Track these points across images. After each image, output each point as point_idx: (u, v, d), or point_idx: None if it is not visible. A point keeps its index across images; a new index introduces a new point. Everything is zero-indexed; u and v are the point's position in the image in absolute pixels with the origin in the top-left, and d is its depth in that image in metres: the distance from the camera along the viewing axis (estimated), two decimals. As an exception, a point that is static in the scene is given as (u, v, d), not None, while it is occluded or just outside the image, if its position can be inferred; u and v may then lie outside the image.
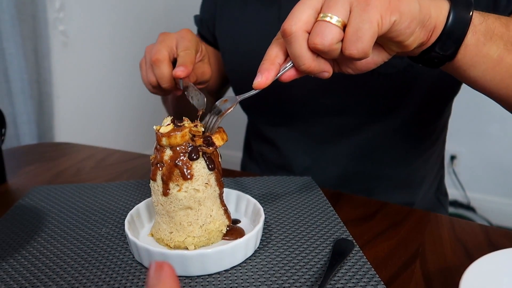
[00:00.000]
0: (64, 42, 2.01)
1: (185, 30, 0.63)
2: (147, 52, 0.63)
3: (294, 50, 0.42)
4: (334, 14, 0.40)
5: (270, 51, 0.46)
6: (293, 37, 0.41)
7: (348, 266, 0.46)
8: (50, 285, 0.44)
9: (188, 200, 0.46)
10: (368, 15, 0.39)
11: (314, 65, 0.43)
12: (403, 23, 0.41)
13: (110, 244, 0.52)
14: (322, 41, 0.40)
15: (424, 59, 0.48)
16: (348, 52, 0.41)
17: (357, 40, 0.40)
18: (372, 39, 0.40)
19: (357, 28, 0.40)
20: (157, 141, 0.46)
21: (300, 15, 0.41)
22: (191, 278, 0.45)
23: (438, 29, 0.44)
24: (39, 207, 0.62)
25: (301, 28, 0.41)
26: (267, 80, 0.44)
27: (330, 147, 0.80)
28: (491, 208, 2.03)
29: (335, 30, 0.40)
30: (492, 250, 0.43)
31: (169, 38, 0.61)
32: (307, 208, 0.60)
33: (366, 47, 0.40)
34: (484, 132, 2.00)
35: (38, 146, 1.00)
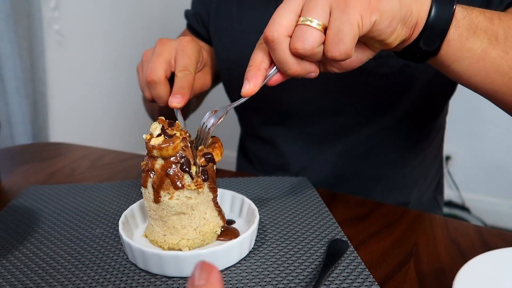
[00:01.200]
0: (59, 41, 2.00)
1: (186, 40, 0.59)
2: (144, 61, 0.59)
3: (278, 56, 0.42)
4: (314, 17, 0.40)
5: (255, 57, 0.45)
6: (276, 44, 0.41)
7: (343, 267, 0.46)
8: (43, 286, 0.44)
9: (180, 207, 0.46)
10: (348, 17, 0.39)
11: (299, 69, 0.43)
12: (383, 22, 0.41)
13: (104, 244, 0.51)
14: (303, 45, 0.40)
15: (408, 54, 0.48)
16: (330, 55, 0.41)
17: (338, 42, 0.40)
18: (354, 40, 0.40)
19: (337, 30, 0.40)
20: (148, 151, 0.45)
21: (281, 20, 0.41)
22: (185, 279, 0.45)
23: (420, 25, 0.44)
24: (33, 207, 0.62)
25: (282, 34, 0.41)
26: (255, 87, 0.44)
27: (327, 147, 0.80)
28: (485, 209, 2.04)
29: (315, 33, 0.40)
30: (485, 250, 0.43)
31: (167, 50, 0.57)
32: (302, 208, 0.60)
33: (348, 48, 0.40)
34: (479, 133, 2.01)
35: (32, 146, 0.99)
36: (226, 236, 0.51)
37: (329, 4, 0.40)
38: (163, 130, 0.45)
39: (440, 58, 0.48)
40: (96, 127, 2.22)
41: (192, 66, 0.57)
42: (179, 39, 0.59)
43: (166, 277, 0.45)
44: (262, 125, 0.85)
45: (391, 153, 0.80)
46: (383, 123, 0.76)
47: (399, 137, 0.79)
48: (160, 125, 0.45)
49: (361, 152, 0.80)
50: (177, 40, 0.59)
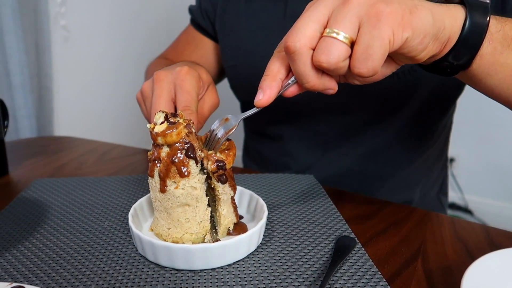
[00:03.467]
0: (65, 36, 2.01)
1: (184, 73, 0.55)
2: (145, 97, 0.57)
3: (298, 68, 0.40)
4: (341, 29, 0.37)
5: (272, 66, 0.44)
6: (297, 55, 0.39)
7: (350, 263, 0.46)
8: (54, 276, 0.44)
9: (185, 197, 0.46)
10: (379, 32, 0.37)
11: (318, 83, 0.42)
12: (416, 39, 0.39)
13: (113, 237, 0.52)
14: (327, 59, 0.38)
15: (436, 68, 0.46)
16: (357, 71, 0.39)
17: (366, 58, 0.38)
18: (383, 57, 0.38)
19: (367, 45, 0.37)
20: (153, 140, 0.46)
21: (305, 30, 0.39)
22: (194, 272, 0.45)
23: (452, 40, 0.42)
24: (42, 200, 0.62)
25: (305, 45, 0.39)
26: (269, 98, 0.43)
27: (333, 146, 0.80)
28: (488, 211, 2.04)
29: (342, 47, 0.38)
30: (492, 249, 0.44)
31: (166, 88, 0.55)
32: (309, 205, 0.60)
33: (377, 65, 0.38)
34: (483, 136, 2.01)
35: (39, 140, 1.00)
36: (235, 231, 0.51)
37: (359, 17, 0.38)
38: (166, 118, 0.45)
39: (471, 72, 0.46)
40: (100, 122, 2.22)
41: (193, 103, 0.54)
42: (176, 71, 0.56)
43: (175, 269, 0.45)
44: (269, 123, 0.85)
45: (396, 153, 0.80)
46: (390, 122, 0.77)
47: (405, 136, 0.79)
48: (164, 113, 0.46)
49: (366, 152, 0.80)
50: (174, 73, 0.56)
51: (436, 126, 0.82)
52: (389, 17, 0.37)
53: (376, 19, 0.37)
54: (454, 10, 0.42)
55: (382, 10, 0.37)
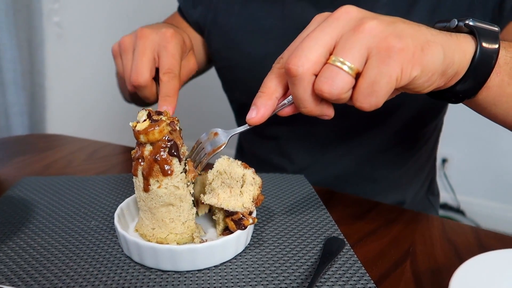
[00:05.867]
0: (59, 33, 1.99)
1: (169, 35, 0.54)
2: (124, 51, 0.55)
3: (297, 93, 0.38)
4: (348, 60, 0.36)
5: (269, 83, 0.42)
6: (298, 80, 0.37)
7: (339, 265, 0.46)
8: (37, 277, 0.43)
9: (168, 197, 0.45)
10: (388, 69, 0.35)
11: (315, 110, 0.40)
12: (423, 77, 0.37)
13: (99, 237, 0.51)
14: (330, 89, 0.36)
15: (440, 96, 0.45)
16: (359, 105, 0.37)
17: (371, 94, 0.36)
18: (388, 94, 0.36)
19: (373, 81, 0.36)
20: (136, 138, 0.45)
21: (310, 54, 0.37)
22: (180, 273, 0.44)
23: (459, 75, 0.41)
24: (28, 198, 0.61)
25: (308, 71, 0.37)
26: (262, 118, 0.42)
27: (330, 148, 0.80)
28: (480, 212, 2.05)
29: (346, 79, 0.36)
30: (481, 251, 0.43)
31: (150, 47, 0.53)
32: (299, 206, 0.60)
33: (380, 101, 0.37)
34: (476, 137, 2.02)
35: (28, 137, 0.99)
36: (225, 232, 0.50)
37: (368, 48, 0.36)
38: (149, 116, 0.44)
39: (477, 102, 0.45)
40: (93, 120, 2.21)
41: (177, 67, 0.53)
42: (161, 32, 0.54)
43: (161, 271, 0.45)
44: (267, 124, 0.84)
45: (391, 155, 0.80)
46: (387, 126, 0.76)
47: (400, 139, 0.79)
48: (146, 111, 0.45)
49: (362, 154, 0.80)
50: (159, 33, 0.54)
51: (428, 127, 0.82)
52: (400, 54, 0.35)
53: (386, 54, 0.35)
54: (464, 43, 0.40)
55: (393, 46, 0.35)
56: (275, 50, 0.76)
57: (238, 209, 0.46)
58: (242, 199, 0.47)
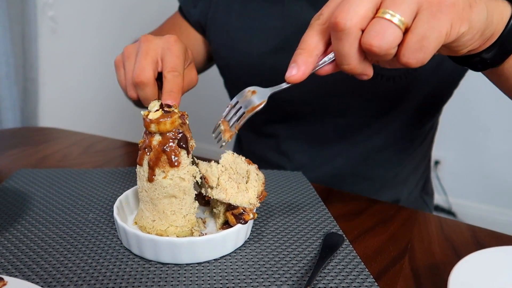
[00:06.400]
0: (53, 28, 1.97)
1: (173, 40, 0.54)
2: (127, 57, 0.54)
3: (342, 48, 0.37)
4: (398, 12, 0.34)
5: (310, 39, 0.40)
6: (345, 34, 0.36)
7: (338, 260, 0.46)
8: (34, 268, 0.43)
9: (172, 188, 0.45)
10: (439, 23, 0.35)
11: (359, 67, 0.39)
12: (469, 34, 0.38)
13: (97, 229, 0.51)
14: (380, 43, 0.35)
15: (467, 62, 0.45)
16: (406, 60, 0.36)
17: (419, 49, 0.35)
18: (435, 50, 0.36)
19: (422, 35, 0.35)
20: (146, 127, 0.45)
21: (358, 8, 0.35)
22: (180, 266, 0.44)
23: (494, 38, 0.41)
24: (24, 190, 0.60)
25: (356, 25, 0.36)
26: (303, 75, 0.40)
27: (328, 147, 0.80)
28: (471, 214, 2.07)
29: (397, 32, 0.35)
30: (478, 248, 0.44)
31: (153, 49, 0.53)
32: (298, 202, 0.60)
33: (428, 57, 0.36)
34: (468, 139, 2.04)
35: (23, 130, 0.98)
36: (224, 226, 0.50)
37: (418, 2, 0.35)
38: (161, 106, 0.45)
39: (500, 71, 0.45)
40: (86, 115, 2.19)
41: (181, 67, 0.53)
42: (165, 38, 0.54)
43: (160, 263, 0.44)
44: (265, 122, 0.85)
45: (388, 154, 0.81)
46: (385, 125, 0.77)
47: (398, 138, 0.79)
48: (159, 102, 0.45)
49: (360, 153, 0.80)
50: (163, 39, 0.54)
51: (425, 127, 0.83)
52: (451, 9, 0.35)
53: (437, 9, 0.35)
54: (502, 6, 0.41)
55: (444, 0, 0.35)
56: (274, 49, 0.77)
57: (245, 205, 0.46)
58: (248, 195, 0.47)
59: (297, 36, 0.73)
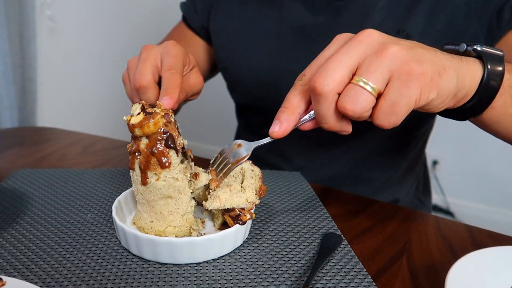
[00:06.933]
0: (51, 27, 1.97)
1: (171, 44, 0.56)
2: (130, 69, 0.56)
3: (320, 110, 0.40)
4: (371, 80, 0.38)
5: (292, 99, 0.43)
6: (323, 98, 0.39)
7: (336, 260, 0.46)
8: (33, 268, 0.43)
9: (167, 189, 0.45)
10: (408, 91, 0.37)
11: (336, 126, 0.42)
12: (439, 99, 0.40)
13: (95, 229, 0.51)
14: (353, 108, 0.38)
15: (447, 114, 0.47)
16: (379, 123, 0.40)
17: (391, 113, 0.39)
18: (406, 114, 0.39)
19: (393, 102, 0.38)
20: (131, 132, 0.44)
21: (335, 74, 0.38)
22: (178, 266, 0.44)
23: (468, 97, 0.43)
24: (22, 190, 0.60)
25: (333, 90, 0.39)
26: (285, 132, 0.43)
27: (326, 150, 0.80)
28: (469, 214, 2.08)
29: (369, 98, 0.38)
30: (475, 248, 0.44)
31: (152, 55, 0.55)
32: (296, 202, 0.60)
33: (399, 121, 0.39)
34: (466, 139, 2.05)
35: (21, 130, 0.97)
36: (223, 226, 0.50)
37: (390, 71, 0.38)
38: (143, 109, 0.44)
39: (481, 119, 0.48)
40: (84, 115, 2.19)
41: (178, 66, 0.54)
42: (163, 44, 0.56)
43: (159, 263, 0.44)
44: (264, 125, 0.85)
45: (385, 156, 0.81)
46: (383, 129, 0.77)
47: (395, 140, 0.80)
48: (140, 104, 0.45)
49: (358, 156, 0.80)
50: (162, 45, 0.56)
51: (422, 129, 0.83)
52: (420, 78, 0.37)
53: (407, 78, 0.37)
54: (473, 67, 0.43)
55: (414, 70, 0.37)
56: (272, 52, 0.77)
57: (242, 205, 0.46)
58: (245, 194, 0.47)
59: (294, 40, 0.73)
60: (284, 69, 0.75)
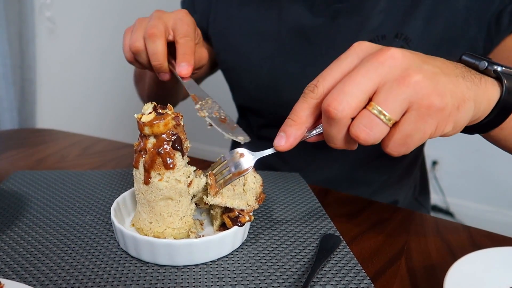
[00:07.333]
0: (50, 28, 1.97)
1: (183, 12, 0.59)
2: (138, 23, 0.58)
3: (331, 132, 0.39)
4: (387, 111, 0.36)
5: (301, 112, 0.41)
6: (335, 122, 0.38)
7: (335, 261, 0.46)
8: (31, 270, 0.43)
9: (168, 191, 0.45)
10: (424, 125, 0.36)
11: (343, 146, 0.41)
12: (453, 131, 0.39)
13: (94, 231, 0.51)
14: (366, 137, 0.37)
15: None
16: (389, 151, 0.38)
17: (402, 145, 0.37)
18: (417, 146, 0.38)
19: (407, 134, 0.37)
20: (140, 130, 0.45)
21: (351, 100, 0.36)
22: (177, 268, 0.44)
23: (479, 120, 0.43)
24: (21, 192, 0.60)
25: (347, 116, 0.37)
26: (290, 146, 0.42)
27: (324, 152, 0.80)
28: (469, 214, 2.08)
29: (384, 129, 0.37)
30: (474, 249, 0.44)
31: (166, 17, 0.57)
32: (295, 203, 0.60)
33: (409, 151, 0.38)
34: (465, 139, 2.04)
35: (20, 132, 0.97)
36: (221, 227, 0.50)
37: (410, 102, 0.36)
38: (155, 109, 0.45)
39: (489, 136, 0.49)
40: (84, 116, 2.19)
41: (192, 33, 0.57)
42: (176, 11, 0.59)
43: (157, 265, 0.44)
44: (262, 126, 0.85)
45: (383, 159, 0.81)
46: None
47: None
48: (152, 104, 0.45)
49: (356, 159, 0.80)
50: (174, 12, 0.59)
51: None
52: (438, 113, 0.36)
53: (426, 112, 0.36)
54: (491, 90, 0.41)
55: (434, 104, 0.36)
56: (272, 54, 0.77)
57: (242, 207, 0.46)
58: (246, 197, 0.47)
59: (293, 42, 0.73)
60: (283, 71, 0.75)
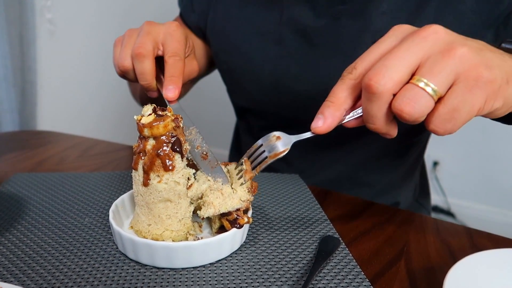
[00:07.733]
0: (51, 30, 1.97)
1: (174, 26, 0.56)
2: (128, 37, 0.56)
3: (371, 110, 0.37)
4: (434, 83, 0.34)
5: (339, 93, 0.40)
6: (377, 97, 0.36)
7: (334, 263, 0.46)
8: (29, 273, 0.43)
9: (167, 193, 0.45)
10: (473, 98, 0.34)
11: (383, 128, 0.39)
12: (503, 108, 0.37)
13: (92, 234, 0.51)
14: (411, 111, 0.35)
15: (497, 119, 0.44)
16: (433, 128, 0.36)
17: (449, 120, 0.35)
18: (465, 122, 0.35)
19: (455, 108, 0.34)
20: (139, 131, 0.45)
21: (393, 73, 0.35)
22: (175, 270, 0.44)
23: None
24: (20, 194, 0.60)
25: (389, 90, 0.35)
26: (328, 128, 0.40)
27: (326, 153, 0.80)
28: (470, 215, 2.07)
29: (429, 102, 0.35)
30: (474, 251, 0.44)
31: (155, 31, 0.55)
32: (294, 204, 0.60)
33: (456, 129, 0.36)
34: (467, 140, 2.04)
35: (20, 134, 0.97)
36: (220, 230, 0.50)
37: (456, 74, 0.34)
38: (154, 111, 0.45)
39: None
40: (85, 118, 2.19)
41: (182, 52, 0.54)
42: (167, 24, 0.56)
43: (156, 268, 0.44)
44: (264, 128, 0.85)
45: (385, 160, 0.81)
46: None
47: (395, 145, 0.79)
48: (152, 106, 0.45)
49: (358, 159, 0.80)
50: (165, 24, 0.56)
51: (424, 134, 0.83)
52: (487, 85, 0.34)
53: (474, 83, 0.34)
54: None
55: (483, 75, 0.34)
56: (273, 56, 0.77)
57: (237, 206, 0.46)
58: (237, 195, 0.47)
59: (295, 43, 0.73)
60: (284, 73, 0.75)
